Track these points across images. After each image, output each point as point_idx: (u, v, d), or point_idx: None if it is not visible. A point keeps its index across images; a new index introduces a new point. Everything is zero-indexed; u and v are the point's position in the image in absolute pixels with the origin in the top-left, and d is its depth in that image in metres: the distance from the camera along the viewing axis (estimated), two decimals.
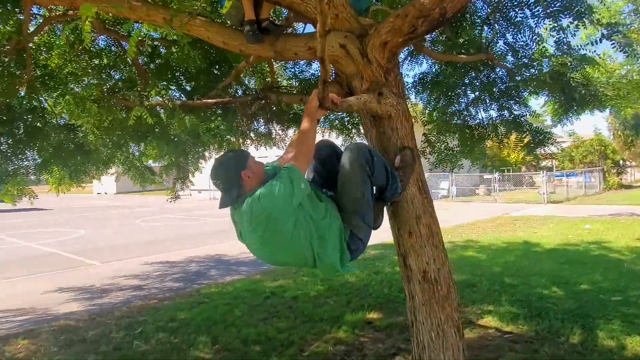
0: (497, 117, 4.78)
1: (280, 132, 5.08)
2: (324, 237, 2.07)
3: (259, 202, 1.95)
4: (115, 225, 15.13)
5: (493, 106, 4.78)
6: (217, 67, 4.45)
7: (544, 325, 4.16)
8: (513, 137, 4.92)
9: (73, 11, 3.64)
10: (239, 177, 2.01)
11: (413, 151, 2.57)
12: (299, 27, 4.37)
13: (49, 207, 23.40)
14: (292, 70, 4.77)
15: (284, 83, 4.60)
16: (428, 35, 4.38)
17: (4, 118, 4.41)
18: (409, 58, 4.55)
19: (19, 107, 4.41)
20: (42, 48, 4.46)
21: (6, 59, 4.09)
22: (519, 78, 4.30)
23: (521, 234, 9.64)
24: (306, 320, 4.59)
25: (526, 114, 4.76)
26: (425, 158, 4.57)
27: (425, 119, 4.97)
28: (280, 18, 3.68)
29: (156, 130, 4.59)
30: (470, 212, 14.86)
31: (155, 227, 14.33)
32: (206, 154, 5.71)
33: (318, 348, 3.96)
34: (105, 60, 4.65)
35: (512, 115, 4.59)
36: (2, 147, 4.60)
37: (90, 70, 4.64)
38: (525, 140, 4.67)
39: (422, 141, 4.61)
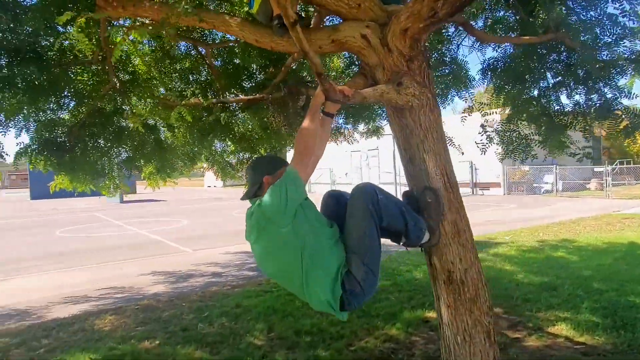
0: (584, 102, 4.30)
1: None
2: (318, 254, 2.01)
3: (259, 209, 2.03)
4: (214, 216, 16.32)
5: (579, 90, 4.31)
6: (274, 65, 4.60)
7: (626, 338, 3.66)
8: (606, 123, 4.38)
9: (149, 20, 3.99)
10: (261, 180, 2.11)
11: (436, 192, 2.37)
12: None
13: (164, 198, 26.02)
14: (349, 59, 4.76)
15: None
16: (483, 17, 4.09)
17: (96, 120, 5.00)
18: (475, 45, 4.29)
19: (107, 110, 4.97)
20: (130, 55, 4.94)
21: (94, 68, 4.65)
22: (603, 57, 3.83)
23: (629, 234, 8.49)
24: (362, 315, 4.55)
25: (619, 97, 4.21)
26: (482, 150, 4.26)
27: (493, 107, 4.64)
28: (308, 11, 3.67)
29: (220, 127, 4.89)
30: (575, 208, 13.46)
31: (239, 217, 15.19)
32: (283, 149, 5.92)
33: (367, 343, 3.92)
34: (186, 64, 5.06)
35: (603, 99, 4.09)
36: (97, 145, 5.22)
37: (172, 74, 5.10)
38: (622, 124, 4.14)
39: (480, 133, 4.30)
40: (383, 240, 2.19)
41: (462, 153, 4.90)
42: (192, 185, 43.33)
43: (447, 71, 4.58)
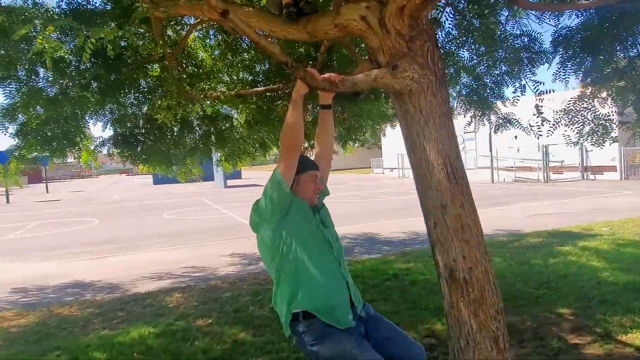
0: None
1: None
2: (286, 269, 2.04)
3: (254, 206, 2.14)
4: None
5: None
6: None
7: None
8: None
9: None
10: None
11: None
12: None
13: (262, 184, 27.42)
14: None
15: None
16: None
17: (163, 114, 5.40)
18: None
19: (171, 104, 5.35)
20: (195, 50, 5.24)
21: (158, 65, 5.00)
22: None
23: None
24: (411, 307, 4.40)
25: None
26: (537, 134, 3.80)
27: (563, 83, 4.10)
28: None
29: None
30: None
31: (340, 203, 15.36)
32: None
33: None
34: (249, 56, 5.25)
35: None
36: (166, 137, 5.67)
37: (238, 65, 5.32)
38: None
39: (534, 114, 3.82)
40: None
41: (538, 137, 4.41)
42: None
43: (518, 45, 4.16)
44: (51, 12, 3.70)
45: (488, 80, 4.56)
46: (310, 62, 4.52)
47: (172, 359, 3.59)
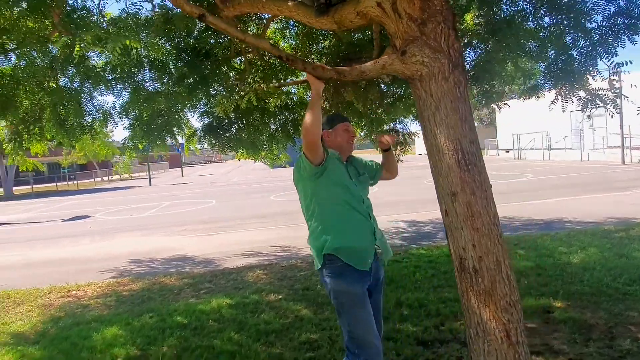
0: None
1: None
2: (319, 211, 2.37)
3: (299, 160, 2.43)
4: (406, 184, 16.56)
5: None
6: None
7: None
8: None
9: None
10: (321, 135, 2.40)
11: None
12: None
13: None
14: None
15: None
16: None
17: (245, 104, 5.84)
18: None
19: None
20: (276, 40, 5.57)
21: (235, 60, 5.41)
22: None
23: None
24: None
25: None
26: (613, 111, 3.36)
27: None
28: None
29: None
30: None
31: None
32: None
33: (461, 325, 3.69)
34: (326, 43, 5.45)
35: None
36: (254, 124, 6.12)
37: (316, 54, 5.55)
38: None
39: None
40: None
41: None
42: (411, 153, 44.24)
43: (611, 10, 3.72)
44: (144, 19, 4.23)
45: (575, 53, 4.14)
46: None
47: (238, 327, 3.98)
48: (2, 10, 3.85)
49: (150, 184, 30.83)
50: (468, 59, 4.12)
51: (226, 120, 5.72)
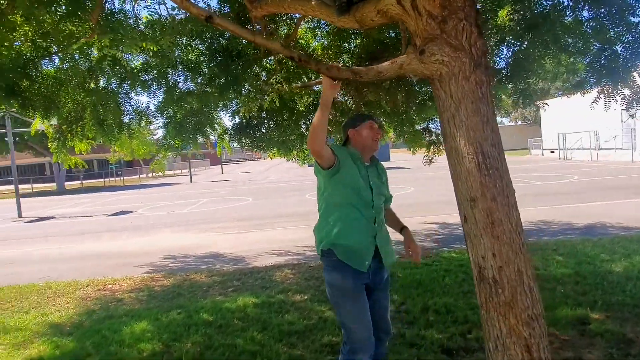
0: None
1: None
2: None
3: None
4: (439, 185, 16.16)
5: None
6: None
7: None
8: None
9: None
10: (347, 134, 2.57)
11: None
12: None
13: (408, 166, 27.19)
14: None
15: None
16: None
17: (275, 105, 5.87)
18: None
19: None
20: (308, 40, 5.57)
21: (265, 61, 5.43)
22: None
23: None
24: None
25: None
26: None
27: None
28: None
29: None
30: None
31: None
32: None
33: None
34: (357, 42, 5.41)
35: None
36: (284, 124, 6.14)
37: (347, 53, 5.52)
38: None
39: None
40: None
41: None
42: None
43: None
44: (179, 21, 4.30)
45: (619, 48, 3.89)
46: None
47: (261, 327, 3.99)
48: (44, 15, 4.01)
49: (191, 181, 31.67)
50: (501, 56, 3.95)
51: (256, 120, 5.76)
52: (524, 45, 3.76)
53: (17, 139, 28.94)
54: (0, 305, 5.27)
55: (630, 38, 3.74)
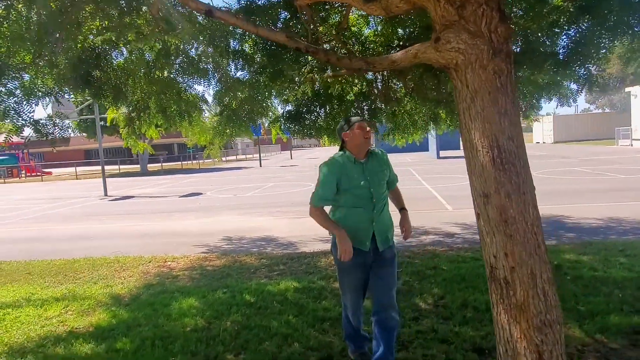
0: None
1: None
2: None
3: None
4: None
5: None
6: None
7: None
8: None
9: None
10: (341, 136, 2.90)
11: None
12: None
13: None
14: None
15: None
16: None
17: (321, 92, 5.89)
18: None
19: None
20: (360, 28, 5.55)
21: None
22: None
23: None
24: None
25: None
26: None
27: None
28: None
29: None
30: None
31: (548, 178, 13.57)
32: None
33: None
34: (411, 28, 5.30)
35: None
36: (332, 112, 6.15)
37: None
38: None
39: None
40: None
41: None
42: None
43: None
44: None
45: None
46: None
47: (298, 311, 4.10)
48: (108, 10, 4.31)
49: (260, 165, 32.69)
50: (555, 40, 3.63)
51: (305, 108, 5.82)
52: (581, 29, 3.44)
53: (107, 123, 31.68)
54: (75, 275, 5.86)
55: None
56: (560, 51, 3.75)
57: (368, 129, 2.82)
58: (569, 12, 3.34)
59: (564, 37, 3.61)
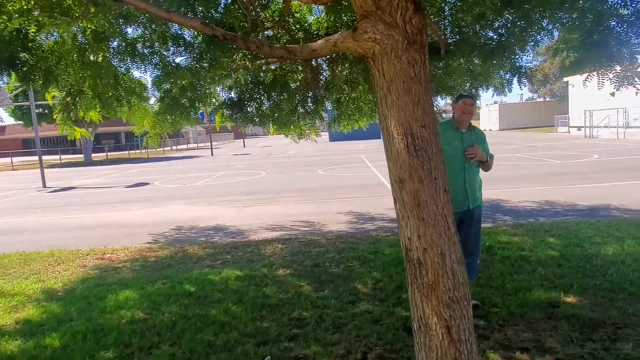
0: None
1: None
2: None
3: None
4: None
5: None
6: None
7: None
8: None
9: None
10: (452, 106, 3.60)
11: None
12: None
13: None
14: None
15: None
16: None
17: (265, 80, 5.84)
18: None
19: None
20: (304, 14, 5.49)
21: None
22: None
23: None
24: (487, 284, 4.04)
25: None
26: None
27: None
28: None
29: None
30: None
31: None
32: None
33: None
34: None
35: None
36: (278, 100, 6.12)
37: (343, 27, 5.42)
38: None
39: None
40: None
41: None
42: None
43: None
44: None
45: (613, 23, 3.71)
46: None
47: (237, 299, 4.11)
48: None
49: (212, 154, 32.10)
50: (484, 32, 3.79)
51: (247, 95, 5.77)
52: (507, 21, 3.60)
53: (46, 110, 29.88)
54: (4, 271, 5.57)
55: (628, 11, 3.54)
56: (489, 43, 3.91)
57: (471, 105, 3.42)
58: (494, 5, 3.49)
59: (491, 29, 3.77)
